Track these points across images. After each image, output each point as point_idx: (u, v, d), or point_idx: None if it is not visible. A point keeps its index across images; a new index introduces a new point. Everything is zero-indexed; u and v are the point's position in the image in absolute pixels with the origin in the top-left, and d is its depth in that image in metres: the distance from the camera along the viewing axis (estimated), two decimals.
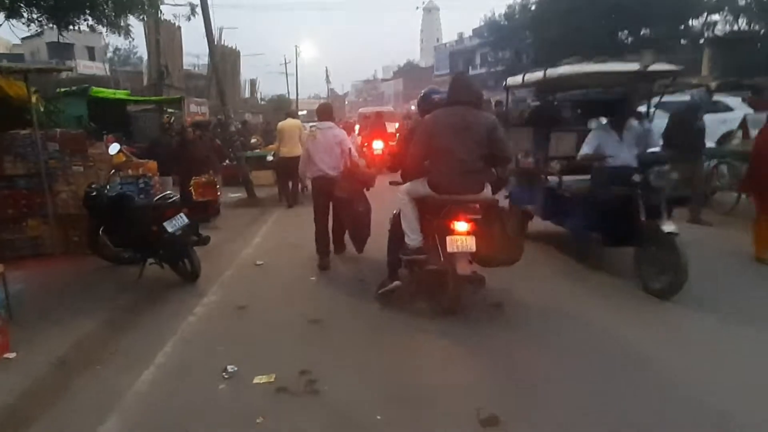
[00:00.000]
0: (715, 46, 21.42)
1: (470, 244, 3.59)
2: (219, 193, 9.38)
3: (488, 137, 3.73)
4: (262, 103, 41.76)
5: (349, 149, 5.25)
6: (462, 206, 3.67)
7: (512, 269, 3.98)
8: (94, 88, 13.41)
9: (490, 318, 3.81)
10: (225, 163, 10.91)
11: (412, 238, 3.92)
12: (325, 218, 5.33)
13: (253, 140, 14.73)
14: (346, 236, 5.57)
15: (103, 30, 9.58)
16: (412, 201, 3.97)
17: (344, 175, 5.08)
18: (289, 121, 9.53)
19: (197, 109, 15.73)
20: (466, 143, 3.70)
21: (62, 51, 36.29)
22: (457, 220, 3.62)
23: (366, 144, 13.27)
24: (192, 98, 16.92)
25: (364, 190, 5.14)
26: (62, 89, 14.10)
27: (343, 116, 39.52)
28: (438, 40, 68.27)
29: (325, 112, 5.56)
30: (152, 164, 6.58)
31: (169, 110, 16.09)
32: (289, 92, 49.57)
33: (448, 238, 3.60)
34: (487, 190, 3.88)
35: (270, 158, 11.01)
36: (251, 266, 5.49)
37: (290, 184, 9.53)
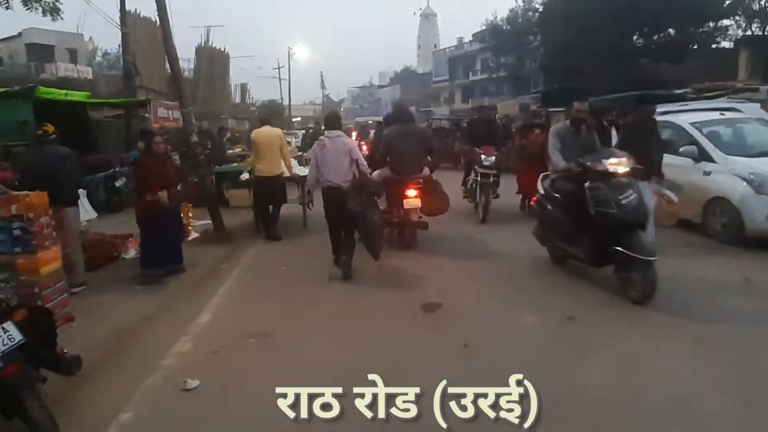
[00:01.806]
0: (753, 47, 19.30)
1: (417, 203, 6.08)
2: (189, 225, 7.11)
3: (422, 139, 6.44)
4: (253, 108, 39.58)
5: (357, 159, 5.29)
6: (411, 180, 6.11)
7: None
8: (42, 88, 10.90)
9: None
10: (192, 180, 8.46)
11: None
12: (339, 229, 5.38)
13: (236, 149, 12.43)
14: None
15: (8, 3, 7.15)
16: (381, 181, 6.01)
17: (354, 187, 5.17)
18: (265, 130, 7.04)
19: (167, 114, 13.32)
20: (410, 145, 6.18)
21: (42, 53, 34.00)
22: (408, 189, 6.06)
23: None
24: (161, 101, 14.52)
25: (375, 198, 5.37)
26: (1, 89, 11.70)
27: None
28: (435, 46, 66.95)
29: (334, 120, 5.67)
30: (38, 196, 4.11)
31: (145, 115, 13.80)
32: (282, 97, 47.76)
33: (404, 201, 6.06)
34: (426, 171, 6.30)
35: (245, 175, 8.44)
36: (175, 392, 2.97)
37: (270, 208, 7.21)
